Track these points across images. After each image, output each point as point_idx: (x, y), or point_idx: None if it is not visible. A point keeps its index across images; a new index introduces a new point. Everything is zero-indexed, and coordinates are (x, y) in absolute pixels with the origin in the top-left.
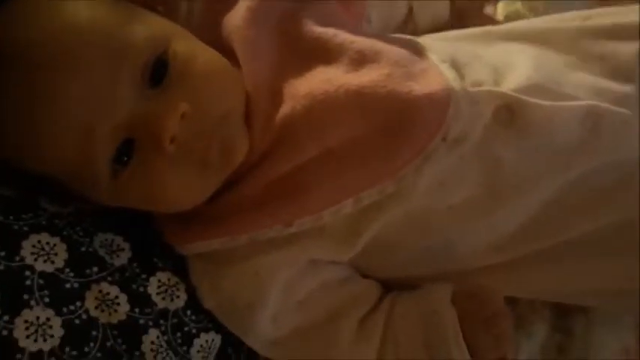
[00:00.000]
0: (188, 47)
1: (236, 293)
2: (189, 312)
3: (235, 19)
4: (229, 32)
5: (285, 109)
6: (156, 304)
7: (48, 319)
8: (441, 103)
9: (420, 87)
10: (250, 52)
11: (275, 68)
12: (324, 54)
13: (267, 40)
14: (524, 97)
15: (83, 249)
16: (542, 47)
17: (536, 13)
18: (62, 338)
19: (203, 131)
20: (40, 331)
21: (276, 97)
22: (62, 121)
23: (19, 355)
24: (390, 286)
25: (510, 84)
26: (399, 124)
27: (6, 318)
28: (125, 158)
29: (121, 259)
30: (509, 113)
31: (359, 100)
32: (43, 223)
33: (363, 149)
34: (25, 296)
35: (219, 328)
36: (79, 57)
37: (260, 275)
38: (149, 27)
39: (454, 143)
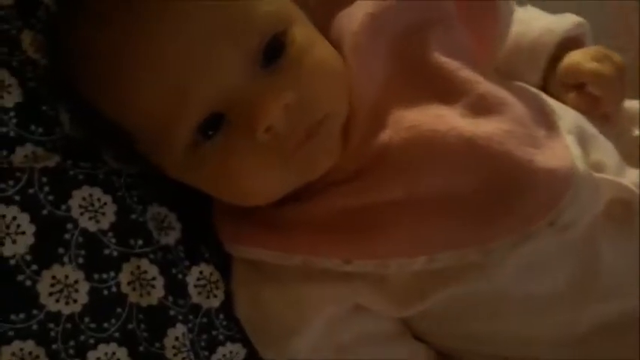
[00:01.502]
0: (308, 36)
1: (273, 314)
2: (221, 316)
3: (351, 22)
4: (340, 34)
5: (383, 137)
6: (190, 297)
7: (76, 282)
8: (561, 184)
9: (543, 158)
10: (361, 62)
11: (383, 86)
12: (443, 87)
13: (382, 54)
14: None
15: (133, 216)
16: None
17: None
18: (85, 306)
19: (299, 128)
20: (64, 292)
21: (377, 118)
22: (161, 72)
23: (35, 311)
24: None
25: (634, 175)
26: (506, 192)
27: (34, 267)
28: (210, 132)
29: (169, 237)
30: (625, 209)
31: (469, 151)
32: (100, 177)
33: (456, 206)
34: (60, 250)
35: (247, 341)
36: (195, 15)
37: (302, 304)
38: (274, 4)
39: (560, 230)
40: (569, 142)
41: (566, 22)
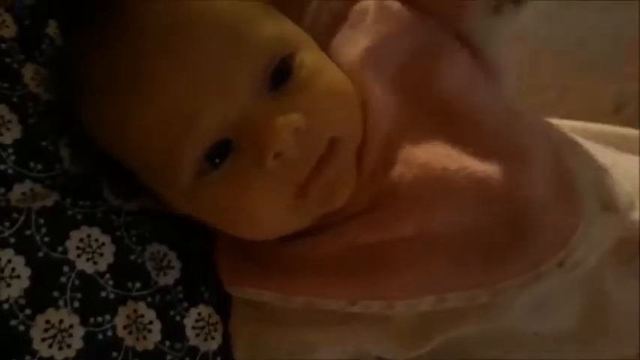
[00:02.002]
0: (316, 60)
1: (273, 357)
2: (218, 359)
3: (350, 54)
4: (340, 64)
5: (394, 173)
6: (188, 339)
7: (71, 327)
8: (570, 223)
9: None
10: (370, 93)
11: (393, 120)
12: (453, 121)
13: (385, 88)
14: None
15: (132, 257)
16: None
17: None
18: (79, 352)
19: (311, 155)
20: (58, 337)
21: (388, 153)
22: (170, 95)
23: (28, 357)
24: None
25: None
26: (515, 232)
27: (28, 312)
28: (217, 160)
29: (168, 278)
30: (633, 247)
31: (480, 191)
32: (99, 215)
33: (465, 246)
34: (55, 293)
35: None
36: (202, 38)
37: (302, 347)
38: (281, 28)
39: (569, 269)
40: None
41: None
